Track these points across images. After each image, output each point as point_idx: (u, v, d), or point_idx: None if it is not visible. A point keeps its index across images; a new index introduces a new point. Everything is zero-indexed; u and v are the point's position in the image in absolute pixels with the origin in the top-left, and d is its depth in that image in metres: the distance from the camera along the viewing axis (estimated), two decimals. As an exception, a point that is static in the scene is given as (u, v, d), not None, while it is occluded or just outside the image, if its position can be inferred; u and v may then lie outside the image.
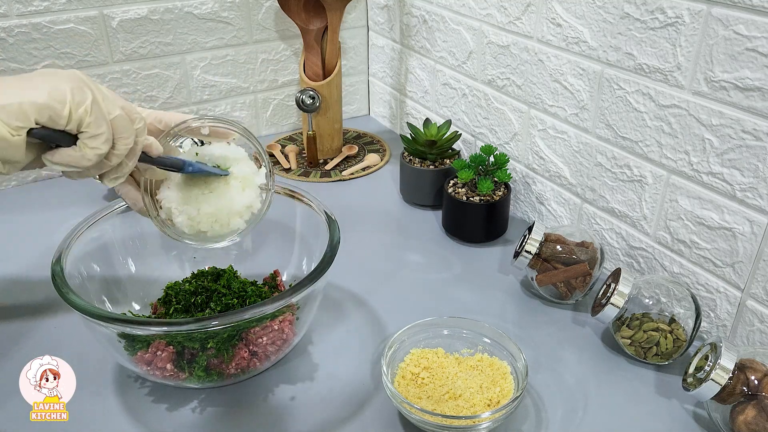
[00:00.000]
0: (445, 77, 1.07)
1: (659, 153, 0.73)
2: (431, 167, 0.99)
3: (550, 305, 0.79)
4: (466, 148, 1.07)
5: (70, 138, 0.47)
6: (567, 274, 0.76)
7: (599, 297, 0.73)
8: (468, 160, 0.92)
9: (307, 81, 1.10)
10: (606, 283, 0.74)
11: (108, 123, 0.48)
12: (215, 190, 0.62)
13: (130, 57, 1.07)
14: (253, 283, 0.74)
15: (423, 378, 0.64)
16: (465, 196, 0.90)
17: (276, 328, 0.63)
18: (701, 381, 0.59)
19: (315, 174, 1.12)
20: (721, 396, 0.58)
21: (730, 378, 0.58)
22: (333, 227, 0.68)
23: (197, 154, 0.62)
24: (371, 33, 1.28)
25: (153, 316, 0.72)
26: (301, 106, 1.09)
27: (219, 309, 0.70)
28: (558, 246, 0.78)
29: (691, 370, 0.62)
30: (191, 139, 0.65)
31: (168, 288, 0.73)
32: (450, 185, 0.93)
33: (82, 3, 1.00)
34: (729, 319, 0.70)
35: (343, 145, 1.20)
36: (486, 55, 0.96)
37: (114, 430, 0.62)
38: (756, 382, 0.58)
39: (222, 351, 0.62)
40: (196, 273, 0.75)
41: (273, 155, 1.17)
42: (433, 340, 0.69)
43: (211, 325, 0.58)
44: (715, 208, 0.68)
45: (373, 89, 1.34)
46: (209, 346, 0.61)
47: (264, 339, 0.63)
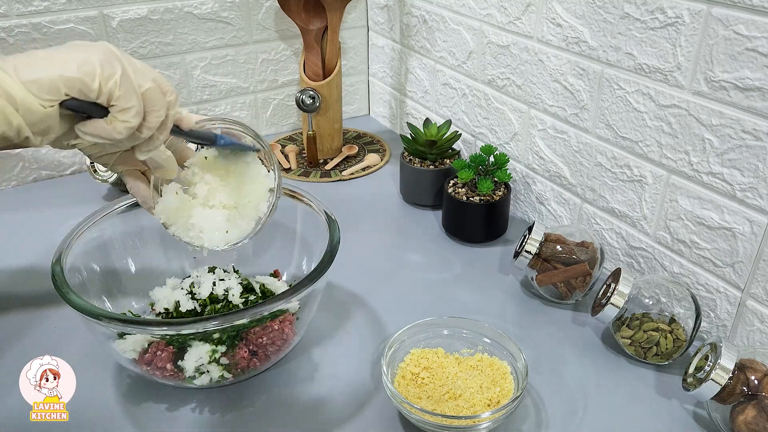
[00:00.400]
0: (445, 77, 1.07)
1: (659, 153, 0.73)
2: (431, 167, 0.99)
3: (550, 305, 0.79)
4: (466, 148, 1.07)
5: (102, 110, 0.47)
6: (567, 274, 0.76)
7: (599, 297, 0.73)
8: (468, 160, 0.92)
9: (307, 81, 1.10)
10: (606, 283, 0.74)
11: (138, 96, 0.48)
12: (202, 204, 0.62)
13: (130, 57, 1.07)
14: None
15: (423, 378, 0.64)
16: (465, 196, 0.90)
17: (276, 328, 0.63)
18: (701, 381, 0.59)
19: (315, 174, 1.12)
20: (721, 396, 0.58)
21: (730, 378, 0.57)
22: (333, 227, 0.68)
23: (206, 158, 0.62)
24: (371, 33, 1.28)
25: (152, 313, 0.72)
26: (301, 106, 1.09)
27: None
28: (558, 246, 0.78)
29: (691, 370, 0.62)
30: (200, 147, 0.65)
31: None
32: (450, 185, 0.93)
33: (82, 3, 1.00)
34: (729, 319, 0.70)
35: (343, 145, 1.20)
36: (486, 55, 0.96)
37: (114, 430, 0.62)
38: (756, 382, 0.58)
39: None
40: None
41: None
42: (433, 340, 0.69)
43: (211, 325, 0.58)
44: (715, 208, 0.68)
45: (373, 89, 1.34)
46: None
47: (264, 339, 0.63)
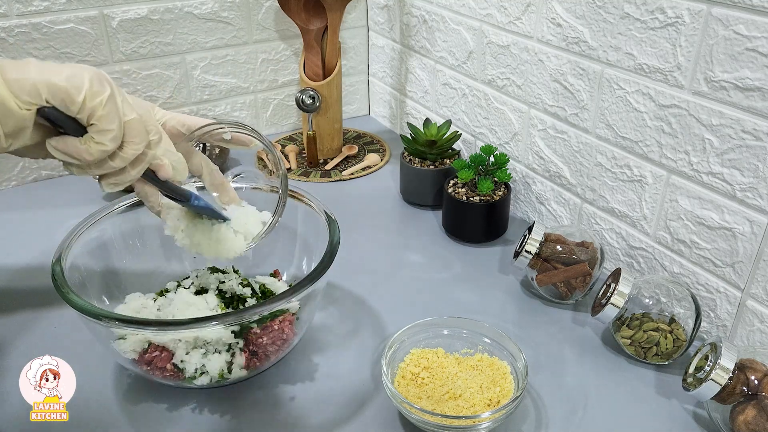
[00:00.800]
0: (445, 77, 1.07)
1: (659, 153, 0.73)
2: (431, 167, 0.99)
3: (550, 305, 0.79)
4: (466, 148, 1.07)
5: (78, 128, 0.46)
6: (567, 274, 0.76)
7: (599, 297, 0.73)
8: (468, 160, 0.92)
9: (307, 81, 1.10)
10: (606, 283, 0.74)
11: (120, 122, 0.47)
12: (207, 227, 0.63)
13: (130, 57, 1.07)
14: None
15: (423, 378, 0.64)
16: (465, 196, 0.90)
17: (276, 328, 0.63)
18: (701, 381, 0.59)
19: (315, 174, 1.12)
20: (721, 396, 0.58)
21: (730, 378, 0.57)
22: (333, 227, 0.68)
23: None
24: (371, 33, 1.28)
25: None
26: (301, 106, 1.09)
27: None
28: (558, 246, 0.78)
29: (691, 370, 0.62)
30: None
31: None
32: (450, 185, 0.93)
33: (82, 3, 1.00)
34: (729, 319, 0.70)
35: (343, 145, 1.20)
36: (486, 55, 0.96)
37: (114, 430, 0.62)
38: (756, 382, 0.58)
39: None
40: None
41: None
42: (433, 340, 0.69)
43: (211, 326, 0.58)
44: (715, 208, 0.68)
45: (373, 89, 1.34)
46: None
47: (264, 339, 0.63)
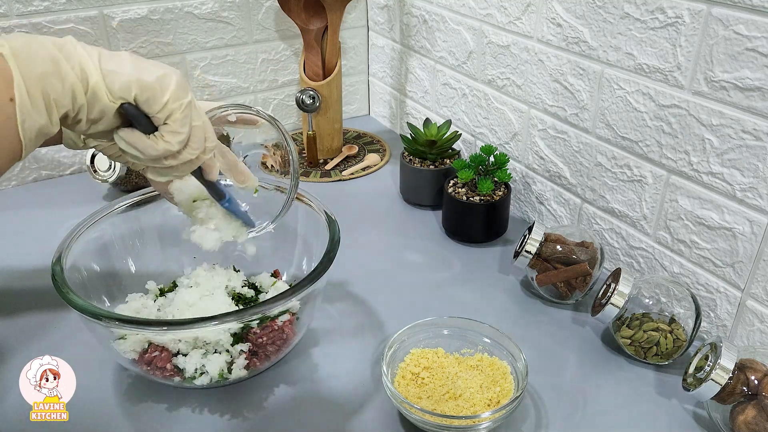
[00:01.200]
0: (445, 77, 1.07)
1: (659, 153, 0.73)
2: (431, 167, 0.99)
3: (550, 305, 0.79)
4: (466, 148, 1.07)
5: (150, 126, 0.48)
6: (567, 274, 0.76)
7: (599, 297, 0.73)
8: (468, 160, 0.92)
9: (307, 81, 1.10)
10: (606, 283, 0.74)
11: (190, 127, 0.49)
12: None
13: (130, 57, 1.07)
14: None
15: (423, 378, 0.64)
16: (465, 196, 0.90)
17: (276, 328, 0.63)
18: (701, 381, 0.59)
19: (315, 174, 1.12)
20: (721, 396, 0.58)
21: (730, 378, 0.57)
22: (333, 227, 0.68)
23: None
24: (371, 33, 1.28)
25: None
26: (301, 106, 1.09)
27: None
28: (558, 246, 0.78)
29: (691, 370, 0.62)
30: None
31: None
32: (450, 185, 0.93)
33: (82, 3, 1.00)
34: (729, 319, 0.70)
35: (343, 145, 1.20)
36: (486, 55, 0.96)
37: (114, 430, 0.62)
38: (756, 382, 0.58)
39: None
40: None
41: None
42: (433, 340, 0.69)
43: (211, 326, 0.58)
44: (715, 208, 0.68)
45: (373, 89, 1.34)
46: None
47: (264, 339, 0.63)
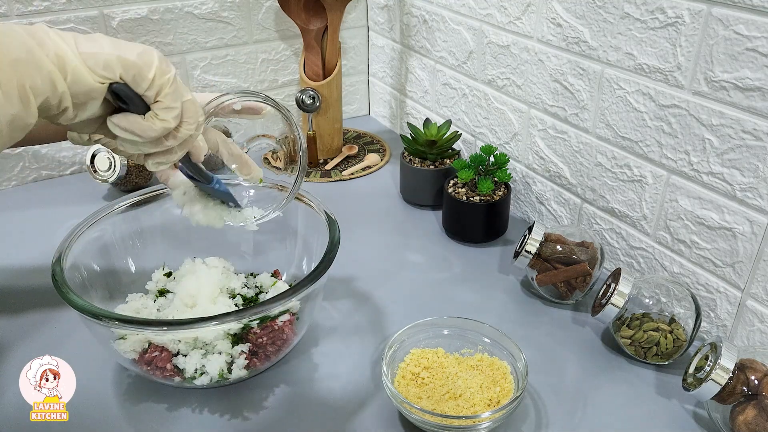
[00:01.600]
0: (445, 77, 1.07)
1: (659, 153, 0.73)
2: (431, 167, 0.99)
3: (550, 305, 0.79)
4: (466, 148, 1.07)
5: (143, 106, 0.48)
6: (567, 274, 0.76)
7: (599, 297, 0.73)
8: (468, 160, 0.92)
9: (307, 81, 1.10)
10: (606, 283, 0.74)
11: (181, 101, 0.49)
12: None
13: (130, 57, 1.07)
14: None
15: (423, 378, 0.64)
16: (465, 196, 0.90)
17: (276, 328, 0.63)
18: (701, 381, 0.59)
19: (315, 174, 1.12)
20: (721, 396, 0.58)
21: (730, 378, 0.57)
22: (333, 227, 0.68)
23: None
24: (371, 33, 1.28)
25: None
26: (301, 106, 1.09)
27: None
28: (558, 246, 0.78)
29: (691, 370, 0.62)
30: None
31: None
32: (450, 185, 0.93)
33: (82, 3, 1.00)
34: (729, 319, 0.70)
35: (343, 145, 1.20)
36: (486, 55, 0.96)
37: (114, 430, 0.62)
38: (756, 382, 0.58)
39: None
40: None
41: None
42: (433, 340, 0.69)
43: (211, 326, 0.58)
44: (715, 208, 0.68)
45: (373, 89, 1.34)
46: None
47: (264, 339, 0.63)
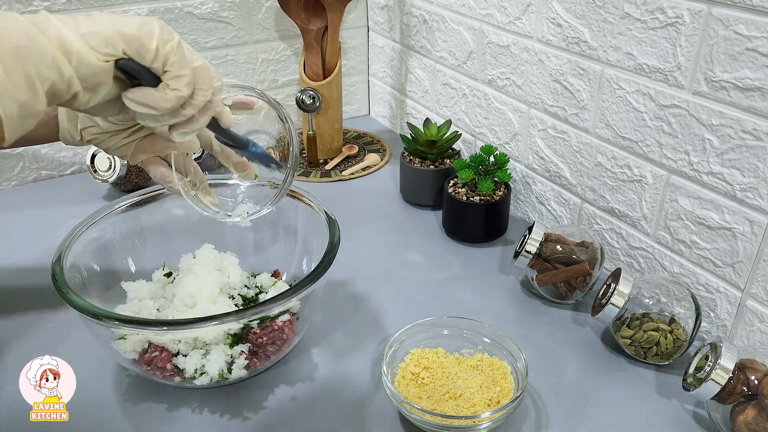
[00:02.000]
0: (445, 77, 1.07)
1: (659, 153, 0.73)
2: (431, 167, 0.99)
3: (550, 305, 0.79)
4: (466, 148, 1.07)
5: (153, 78, 0.47)
6: (567, 274, 0.76)
7: (599, 297, 0.73)
8: (468, 160, 0.92)
9: (307, 81, 1.10)
10: (606, 283, 0.74)
11: (191, 68, 0.48)
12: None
13: (130, 57, 1.07)
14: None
15: (423, 378, 0.64)
16: (465, 196, 0.90)
17: (276, 328, 0.63)
18: (701, 381, 0.59)
19: (315, 174, 1.12)
20: (721, 396, 0.58)
21: (730, 378, 0.57)
22: (333, 227, 0.68)
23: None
24: (371, 33, 1.28)
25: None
26: (301, 106, 1.09)
27: None
28: (558, 246, 0.78)
29: (691, 370, 0.62)
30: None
31: None
32: (450, 185, 0.93)
33: (82, 3, 1.00)
34: (729, 319, 0.70)
35: (343, 145, 1.20)
36: (486, 55, 0.96)
37: (114, 430, 0.62)
38: (756, 382, 0.58)
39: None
40: None
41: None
42: (433, 340, 0.69)
43: (211, 326, 0.58)
44: (715, 208, 0.68)
45: (373, 89, 1.34)
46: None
47: (264, 339, 0.63)
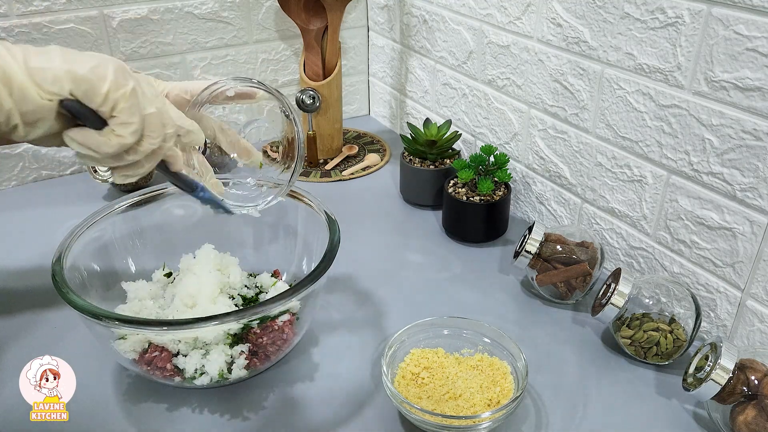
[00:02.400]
0: (445, 77, 1.07)
1: (659, 153, 0.73)
2: (431, 167, 0.99)
3: (550, 305, 0.79)
4: (466, 148, 1.07)
5: (99, 121, 0.46)
6: (567, 274, 0.76)
7: (599, 297, 0.73)
8: (468, 160, 0.92)
9: (307, 81, 1.10)
10: (606, 283, 0.74)
11: (141, 116, 0.47)
12: None
13: (130, 57, 1.07)
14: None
15: (423, 378, 0.64)
16: (465, 196, 0.90)
17: (276, 328, 0.63)
18: (701, 381, 0.59)
19: (315, 174, 1.12)
20: (721, 396, 0.58)
21: (730, 378, 0.57)
22: (333, 227, 0.68)
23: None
24: (371, 33, 1.28)
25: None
26: (301, 106, 1.09)
27: None
28: (558, 246, 0.78)
29: (691, 370, 0.62)
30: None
31: None
32: (450, 185, 0.93)
33: (82, 3, 1.00)
34: (729, 319, 0.70)
35: (343, 145, 1.20)
36: (486, 55, 0.96)
37: (114, 430, 0.62)
38: (756, 382, 0.58)
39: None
40: None
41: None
42: (433, 340, 0.69)
43: (211, 326, 0.58)
44: (715, 208, 0.68)
45: (373, 89, 1.34)
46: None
47: (264, 339, 0.63)
